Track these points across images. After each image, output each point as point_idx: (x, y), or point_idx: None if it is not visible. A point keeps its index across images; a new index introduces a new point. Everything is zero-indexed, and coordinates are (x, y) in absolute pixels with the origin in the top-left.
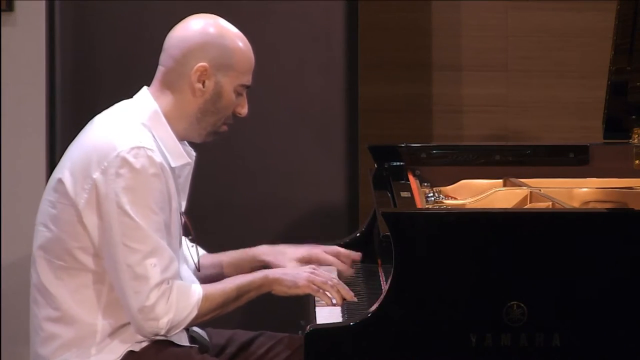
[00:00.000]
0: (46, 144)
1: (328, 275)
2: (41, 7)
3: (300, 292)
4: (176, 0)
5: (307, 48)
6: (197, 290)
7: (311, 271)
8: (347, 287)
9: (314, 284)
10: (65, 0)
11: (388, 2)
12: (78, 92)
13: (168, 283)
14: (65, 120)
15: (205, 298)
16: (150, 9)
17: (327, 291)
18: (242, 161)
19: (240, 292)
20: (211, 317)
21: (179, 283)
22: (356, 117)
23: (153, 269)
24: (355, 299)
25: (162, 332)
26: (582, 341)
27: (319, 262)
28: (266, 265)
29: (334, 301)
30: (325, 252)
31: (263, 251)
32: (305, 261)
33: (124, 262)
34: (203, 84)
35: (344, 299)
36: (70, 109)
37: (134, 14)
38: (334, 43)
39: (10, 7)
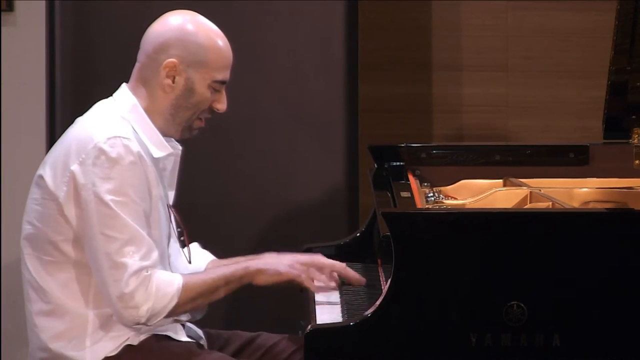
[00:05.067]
0: (46, 144)
1: (310, 259)
2: (41, 7)
3: (282, 278)
4: (176, 0)
5: (308, 48)
6: (177, 280)
7: (294, 259)
8: (333, 276)
9: (295, 269)
10: (65, 0)
11: (388, 2)
12: (78, 92)
13: (147, 271)
14: (65, 120)
15: (185, 287)
16: (150, 9)
17: (310, 276)
18: (242, 161)
19: (221, 282)
20: (192, 307)
21: (158, 272)
22: (356, 117)
23: (131, 256)
24: (334, 284)
25: (143, 321)
26: (582, 341)
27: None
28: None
29: (322, 285)
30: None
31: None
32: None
33: (102, 251)
34: (173, 79)
35: (338, 284)
36: (70, 109)
37: (134, 14)
38: (334, 43)
39: (10, 7)
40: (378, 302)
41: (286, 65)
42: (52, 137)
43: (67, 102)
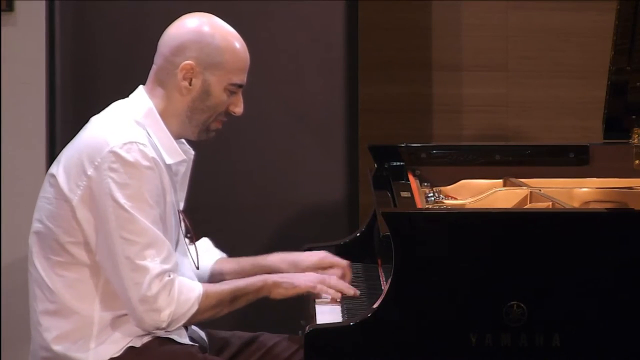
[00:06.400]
0: (46, 144)
1: (322, 278)
2: (41, 7)
3: (298, 291)
4: (176, 0)
5: (307, 48)
6: (198, 287)
7: (310, 274)
8: (347, 285)
9: (310, 282)
10: (65, 0)
11: (388, 2)
12: (78, 92)
13: (169, 276)
14: (65, 120)
15: (206, 295)
16: (150, 9)
17: (326, 287)
18: (242, 161)
19: (239, 293)
20: (210, 316)
21: (180, 277)
22: (356, 117)
23: (152, 260)
24: (358, 293)
25: (163, 326)
26: (582, 341)
27: (331, 266)
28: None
29: (336, 298)
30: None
31: (277, 264)
32: (319, 268)
33: (122, 255)
34: (190, 82)
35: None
36: (70, 109)
37: (134, 14)
38: (334, 43)
39: (10, 7)
40: (378, 302)
41: (286, 66)
42: (52, 137)
43: (67, 102)
